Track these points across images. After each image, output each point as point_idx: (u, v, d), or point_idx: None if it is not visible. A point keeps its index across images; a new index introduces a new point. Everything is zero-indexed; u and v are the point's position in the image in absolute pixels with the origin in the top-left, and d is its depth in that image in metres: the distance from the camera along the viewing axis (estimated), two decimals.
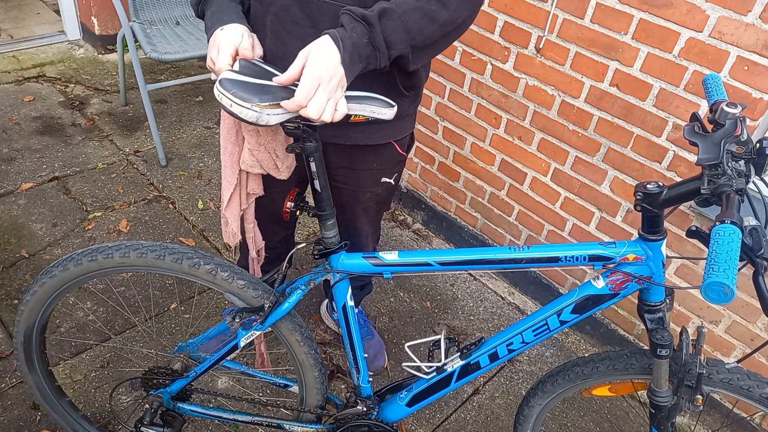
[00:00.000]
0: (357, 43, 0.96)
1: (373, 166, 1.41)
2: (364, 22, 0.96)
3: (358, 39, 0.96)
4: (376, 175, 1.44)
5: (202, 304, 2.08)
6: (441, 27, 1.03)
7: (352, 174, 1.42)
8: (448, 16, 1.02)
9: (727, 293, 0.69)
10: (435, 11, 1.01)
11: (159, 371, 1.35)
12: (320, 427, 1.41)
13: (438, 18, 1.01)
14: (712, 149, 0.88)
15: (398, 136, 1.38)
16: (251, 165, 1.26)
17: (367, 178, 1.44)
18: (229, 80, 0.98)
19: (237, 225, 1.37)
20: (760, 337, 1.75)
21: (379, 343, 1.98)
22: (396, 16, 0.98)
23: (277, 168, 1.29)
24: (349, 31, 0.96)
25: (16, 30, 3.62)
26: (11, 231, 2.25)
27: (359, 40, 0.96)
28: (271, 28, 1.17)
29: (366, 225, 1.60)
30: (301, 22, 1.13)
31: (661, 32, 1.64)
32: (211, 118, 3.14)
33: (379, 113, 1.04)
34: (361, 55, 0.97)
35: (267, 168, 1.28)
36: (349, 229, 1.60)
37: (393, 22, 0.97)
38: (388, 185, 1.48)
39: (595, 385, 1.24)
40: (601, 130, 1.88)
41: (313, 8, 1.11)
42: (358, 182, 1.44)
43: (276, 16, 1.15)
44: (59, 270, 1.18)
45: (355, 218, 1.55)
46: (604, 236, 2.03)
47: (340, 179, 1.45)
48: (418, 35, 1.01)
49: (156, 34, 2.74)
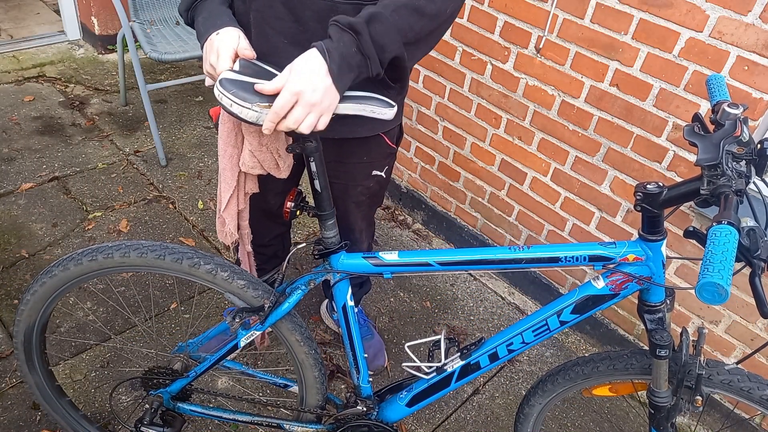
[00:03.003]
0: (345, 53, 0.96)
1: (363, 159, 1.41)
2: (351, 31, 0.96)
3: (345, 49, 0.96)
4: (367, 169, 1.44)
5: (202, 304, 2.08)
6: (430, 20, 1.03)
7: (343, 168, 1.42)
8: (436, 8, 1.02)
9: (721, 294, 0.69)
10: (423, 5, 1.00)
11: (159, 371, 1.35)
12: (320, 427, 1.41)
13: (427, 11, 1.01)
14: (711, 150, 0.88)
15: (386, 128, 1.38)
16: (252, 167, 1.27)
17: (358, 172, 1.44)
18: (229, 80, 0.98)
19: (234, 225, 1.38)
20: (760, 338, 1.75)
21: (379, 343, 1.98)
22: (384, 18, 0.97)
23: (278, 167, 1.29)
24: (336, 41, 0.96)
25: (16, 30, 3.62)
26: (11, 231, 2.25)
27: (347, 50, 0.96)
28: (254, 24, 1.17)
29: (359, 220, 1.60)
30: (284, 18, 1.13)
31: (661, 32, 1.64)
32: (211, 118, 3.13)
33: (379, 113, 1.04)
34: (351, 64, 0.97)
35: (268, 168, 1.28)
36: (342, 224, 1.58)
37: (382, 24, 0.97)
38: (380, 178, 1.48)
39: (595, 384, 1.24)
40: (601, 130, 1.88)
41: (296, 3, 1.11)
42: (348, 176, 1.44)
43: (259, 12, 1.15)
44: (59, 270, 1.18)
45: (347, 213, 1.55)
46: (604, 236, 2.03)
47: (330, 173, 1.43)
48: (409, 32, 1.01)
49: (156, 34, 2.74)
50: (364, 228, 1.65)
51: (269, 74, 1.03)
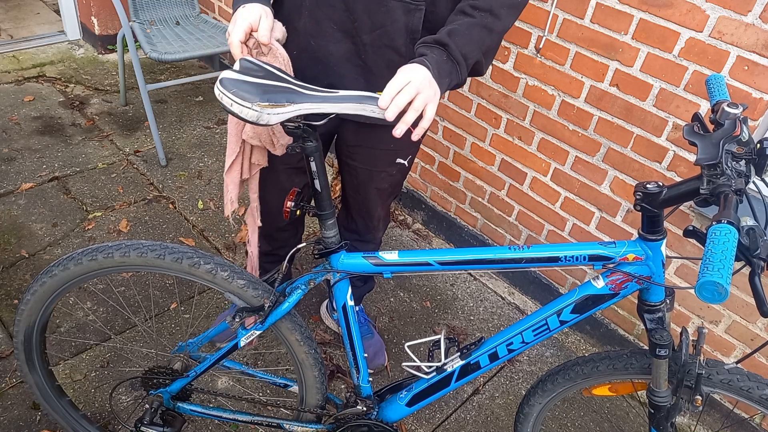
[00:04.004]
0: (439, 61, 1.09)
1: (390, 146, 1.47)
2: (439, 45, 1.11)
3: (438, 58, 1.10)
4: (392, 156, 1.51)
5: (202, 304, 2.08)
6: (498, 35, 1.20)
7: (369, 153, 1.49)
8: (502, 25, 1.17)
9: (721, 293, 0.69)
10: (491, 23, 1.15)
11: (159, 371, 1.35)
12: (320, 426, 1.41)
13: (495, 28, 1.16)
14: (711, 149, 0.88)
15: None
16: (251, 136, 1.34)
17: (383, 158, 1.51)
18: (230, 80, 0.98)
19: (236, 193, 1.45)
20: (760, 337, 1.75)
21: (379, 342, 1.98)
22: (462, 33, 1.13)
23: (273, 144, 1.34)
24: (429, 53, 1.09)
25: (16, 30, 3.62)
26: (11, 231, 2.25)
27: (440, 58, 1.10)
28: (308, 7, 1.27)
29: (379, 208, 1.66)
30: (337, 6, 1.24)
31: (661, 32, 1.64)
32: (211, 118, 3.14)
33: (379, 113, 1.04)
34: (444, 70, 1.09)
35: (265, 142, 1.34)
36: (363, 210, 1.66)
37: (461, 38, 1.12)
38: (402, 167, 1.55)
39: (595, 384, 1.24)
40: (601, 130, 1.88)
41: None
42: (374, 162, 1.51)
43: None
44: (60, 269, 1.18)
45: (368, 200, 1.61)
46: (604, 236, 2.03)
47: (357, 158, 1.52)
48: (482, 45, 1.17)
49: (156, 34, 2.74)
50: (382, 217, 1.71)
51: (270, 74, 1.03)
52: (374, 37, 1.25)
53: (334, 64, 1.30)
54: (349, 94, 1.02)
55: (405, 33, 1.24)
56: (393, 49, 1.26)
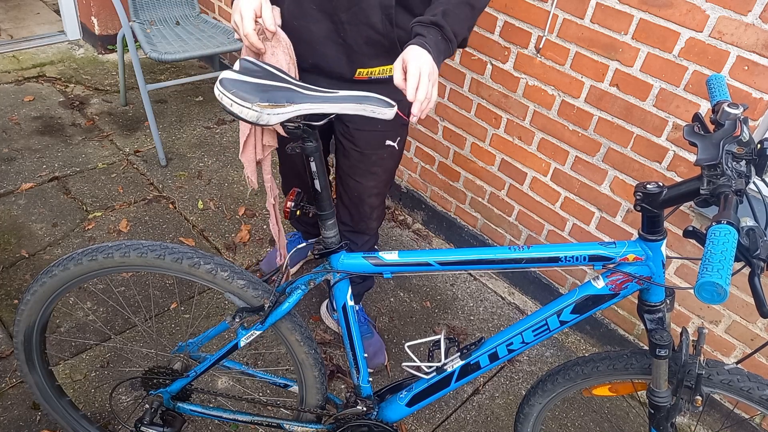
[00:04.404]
0: (437, 41, 1.19)
1: (377, 127, 1.53)
2: (436, 26, 1.19)
3: (435, 38, 1.19)
4: (380, 138, 1.56)
5: (202, 304, 2.08)
6: (479, 12, 1.30)
7: (358, 134, 1.55)
8: (481, 4, 1.29)
9: (720, 293, 0.69)
10: (473, 1, 1.26)
11: (159, 371, 1.35)
12: (320, 426, 1.41)
13: (476, 5, 1.27)
14: (711, 150, 0.88)
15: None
16: None
17: (372, 140, 1.56)
18: (230, 80, 0.98)
19: (252, 171, 1.51)
20: (760, 338, 1.75)
21: (378, 342, 1.98)
22: (453, 13, 1.22)
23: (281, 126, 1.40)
24: (428, 35, 1.18)
25: (16, 30, 3.62)
26: (11, 231, 2.25)
27: (437, 38, 1.19)
28: None
29: (372, 195, 1.68)
30: None
31: (661, 32, 1.64)
32: (211, 118, 3.14)
33: (379, 113, 1.04)
34: (440, 49, 1.19)
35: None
36: (354, 197, 1.69)
37: (452, 18, 1.22)
38: (392, 149, 1.60)
39: (595, 384, 1.24)
40: (601, 130, 1.88)
41: None
42: (364, 142, 1.56)
43: None
44: (60, 269, 1.18)
45: (359, 184, 1.65)
46: (604, 236, 2.03)
47: (349, 140, 1.58)
48: (469, 23, 1.28)
49: (156, 34, 2.74)
50: (376, 206, 1.73)
51: (270, 74, 1.03)
52: (350, 15, 1.32)
53: (317, 42, 1.38)
54: (349, 94, 1.02)
55: (379, 10, 1.30)
56: (370, 26, 1.33)
